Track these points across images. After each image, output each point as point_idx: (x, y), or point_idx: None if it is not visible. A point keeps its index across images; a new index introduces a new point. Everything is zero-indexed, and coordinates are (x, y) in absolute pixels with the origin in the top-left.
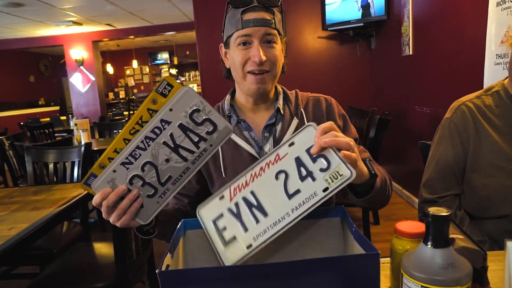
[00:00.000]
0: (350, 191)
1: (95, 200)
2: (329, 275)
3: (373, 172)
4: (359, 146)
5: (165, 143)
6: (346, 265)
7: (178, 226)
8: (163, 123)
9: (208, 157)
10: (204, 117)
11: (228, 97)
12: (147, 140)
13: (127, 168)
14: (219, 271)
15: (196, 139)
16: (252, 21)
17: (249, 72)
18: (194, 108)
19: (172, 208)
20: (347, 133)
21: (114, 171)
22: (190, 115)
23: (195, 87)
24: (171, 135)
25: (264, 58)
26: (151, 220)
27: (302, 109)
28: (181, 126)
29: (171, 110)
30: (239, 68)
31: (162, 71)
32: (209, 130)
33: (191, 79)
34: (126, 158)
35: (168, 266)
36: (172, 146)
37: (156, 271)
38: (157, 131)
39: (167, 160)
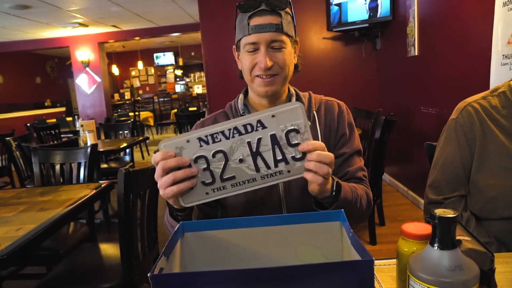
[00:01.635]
0: (316, 206)
1: (155, 158)
2: (324, 280)
3: (334, 189)
4: (360, 160)
5: (248, 143)
6: (341, 271)
7: (176, 228)
8: (258, 124)
9: (277, 181)
10: (298, 141)
11: (241, 96)
12: (234, 131)
13: (201, 146)
14: (214, 275)
15: (279, 157)
16: (258, 27)
17: (257, 75)
18: (295, 127)
19: None
20: (350, 143)
21: (188, 141)
22: (287, 132)
23: (200, 87)
24: (259, 140)
25: (270, 64)
26: (188, 208)
27: (314, 112)
28: (272, 137)
29: (273, 116)
30: (247, 72)
31: (168, 72)
32: (296, 157)
33: (196, 80)
34: (206, 136)
35: (161, 269)
36: (254, 150)
37: (148, 274)
38: (249, 128)
39: (241, 161)
